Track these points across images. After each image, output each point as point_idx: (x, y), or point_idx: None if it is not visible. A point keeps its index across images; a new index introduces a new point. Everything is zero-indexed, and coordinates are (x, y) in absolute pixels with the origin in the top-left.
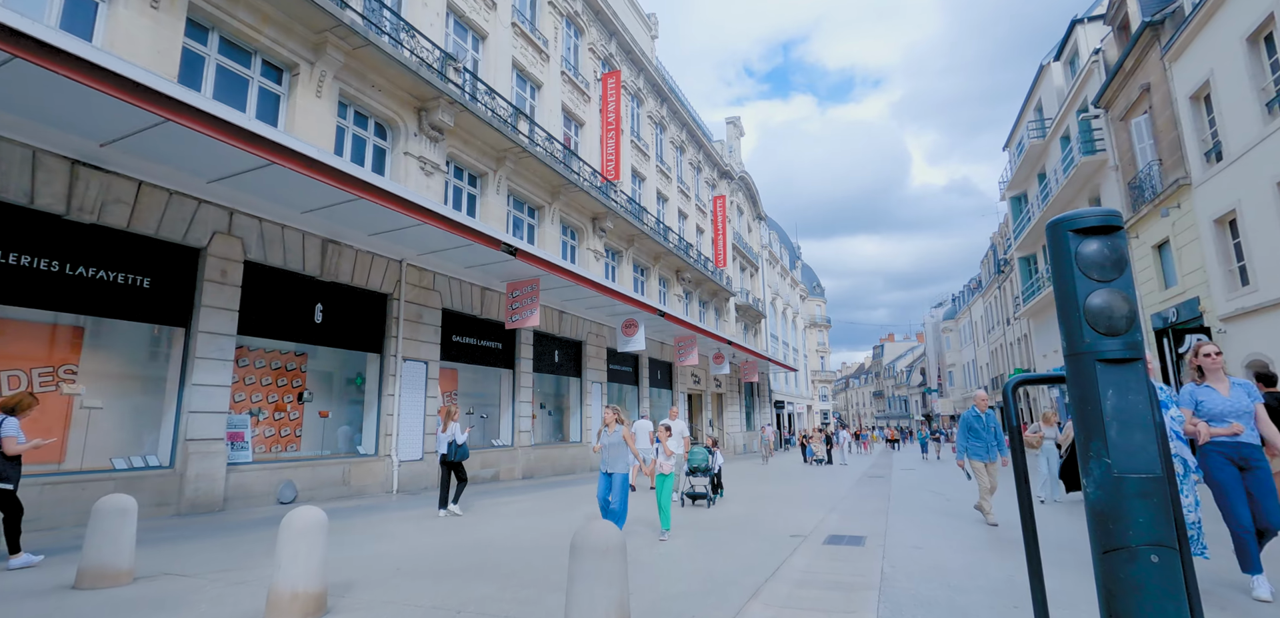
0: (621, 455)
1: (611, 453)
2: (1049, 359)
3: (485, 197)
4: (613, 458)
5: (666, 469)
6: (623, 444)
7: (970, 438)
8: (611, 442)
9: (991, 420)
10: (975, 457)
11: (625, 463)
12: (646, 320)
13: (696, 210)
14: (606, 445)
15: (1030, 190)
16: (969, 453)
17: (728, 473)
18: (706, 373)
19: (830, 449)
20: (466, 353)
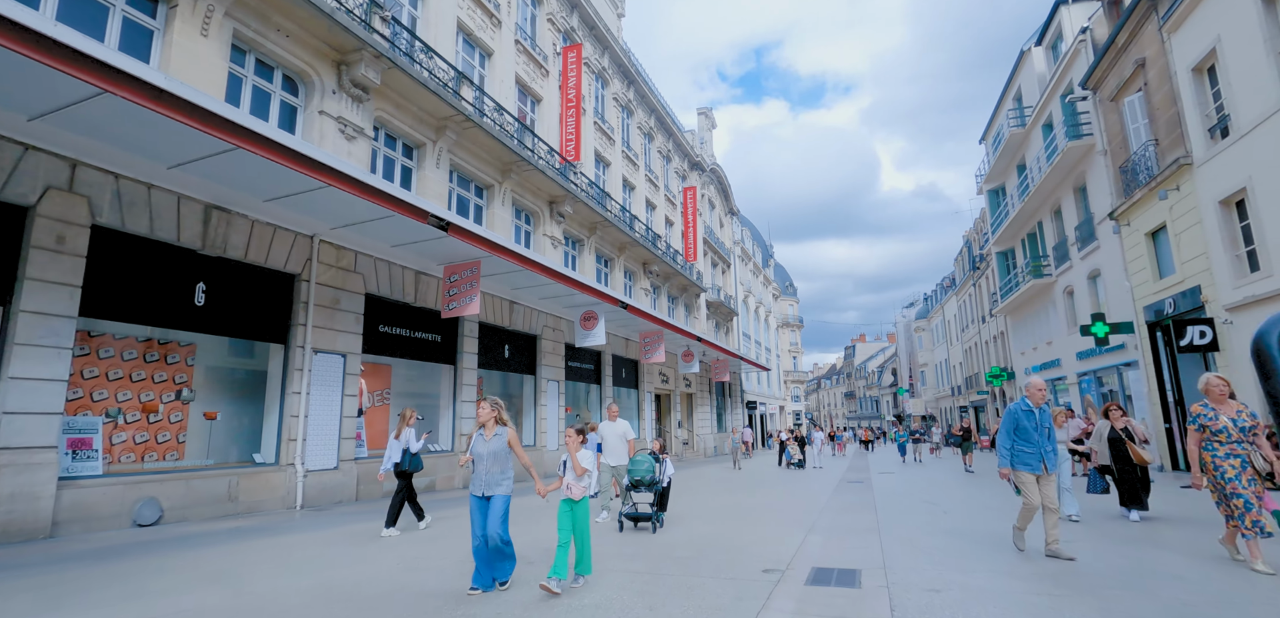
0: (504, 471)
1: (487, 467)
2: (1027, 356)
3: (423, 170)
4: (489, 474)
5: (576, 494)
6: (506, 455)
7: (1020, 440)
8: (489, 451)
9: (1046, 417)
10: (1025, 466)
11: (509, 482)
12: (608, 313)
13: (666, 201)
14: (480, 457)
15: (1009, 183)
16: (1017, 462)
17: (695, 481)
18: (675, 372)
19: (803, 450)
20: (398, 345)
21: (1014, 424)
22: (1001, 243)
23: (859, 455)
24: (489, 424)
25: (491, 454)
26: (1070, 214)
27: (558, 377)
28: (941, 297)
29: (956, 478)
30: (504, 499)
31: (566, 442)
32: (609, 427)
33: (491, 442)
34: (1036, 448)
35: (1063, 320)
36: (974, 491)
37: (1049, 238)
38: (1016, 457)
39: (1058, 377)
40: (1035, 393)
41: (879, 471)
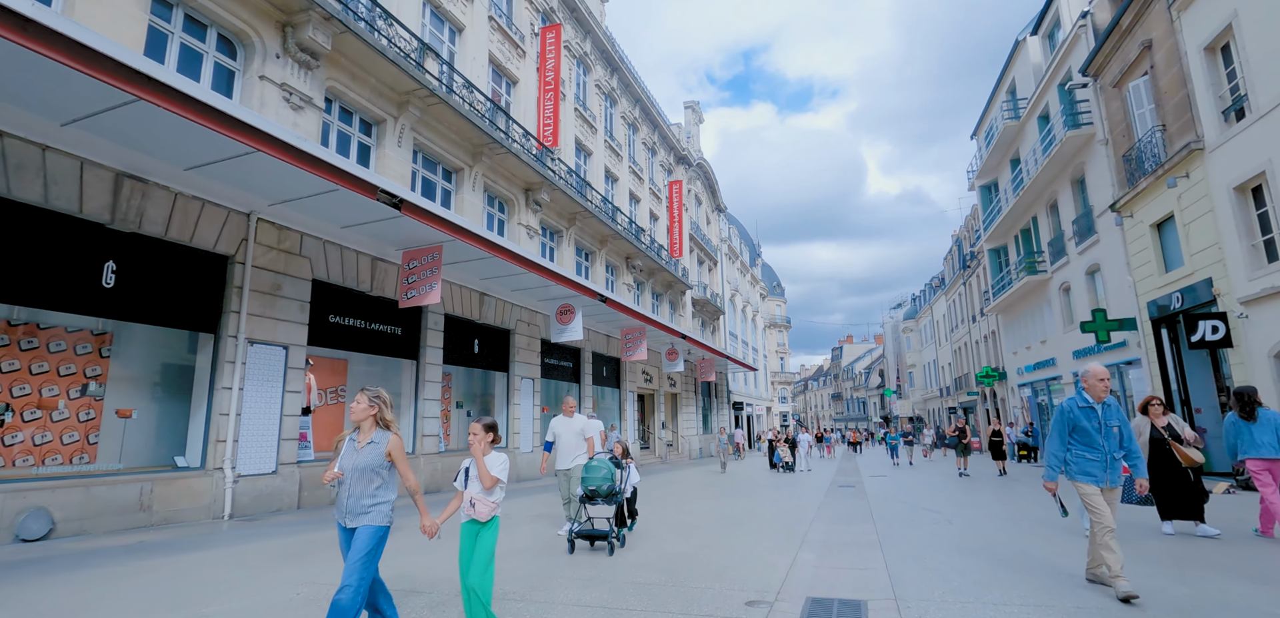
0: (376, 493)
1: (352, 487)
2: (1019, 356)
3: (382, 148)
4: (354, 496)
5: (482, 513)
6: (382, 471)
7: (1080, 444)
8: (364, 465)
9: (1116, 414)
10: (1087, 477)
11: (384, 509)
12: (586, 307)
13: (651, 195)
14: (352, 473)
15: (1002, 178)
16: (1075, 472)
17: (676, 486)
18: (659, 371)
19: (793, 452)
20: (352, 338)
21: (1069, 426)
22: (994, 240)
23: (847, 457)
24: (364, 426)
25: (360, 470)
26: (1067, 208)
27: (533, 374)
28: (930, 297)
29: (953, 482)
30: (373, 534)
31: (470, 441)
32: (563, 423)
33: (364, 452)
34: (1101, 454)
35: (1058, 318)
36: (975, 496)
37: (1044, 233)
38: (1075, 465)
39: (1052, 377)
40: (1096, 385)
41: (870, 474)
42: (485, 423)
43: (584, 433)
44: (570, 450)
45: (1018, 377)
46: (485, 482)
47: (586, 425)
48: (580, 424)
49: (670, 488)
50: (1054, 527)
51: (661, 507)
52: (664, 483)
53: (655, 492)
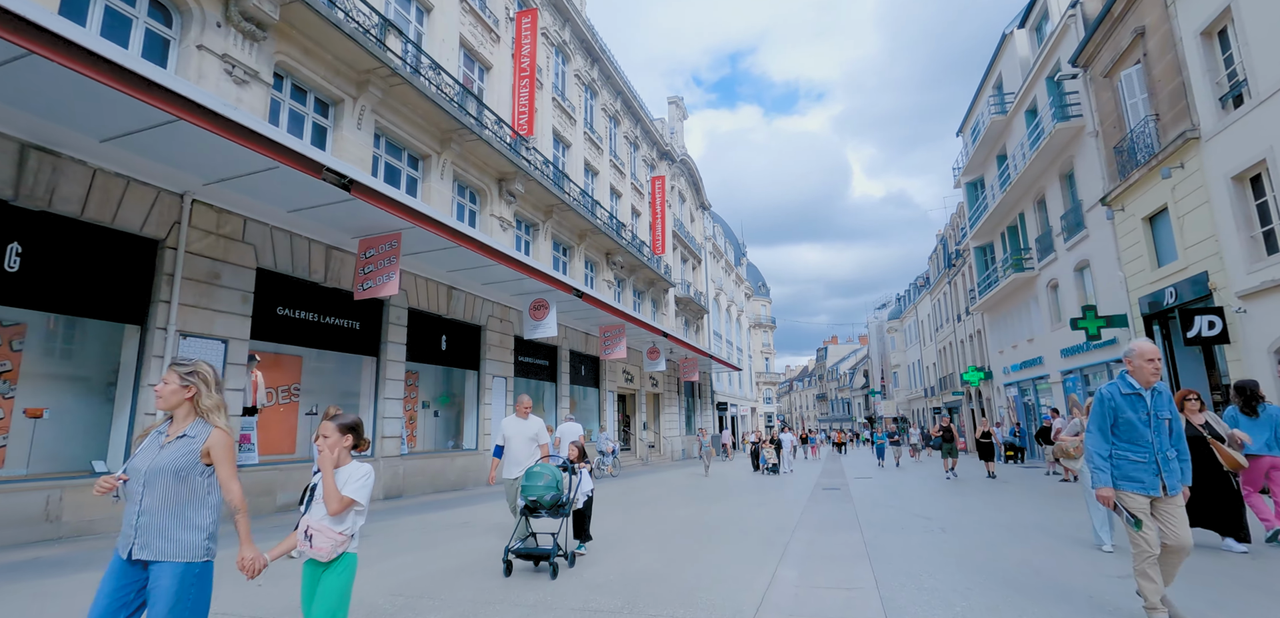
0: (186, 511)
1: (158, 499)
2: (1006, 355)
3: (340, 130)
4: (156, 515)
5: (324, 550)
6: (194, 476)
7: (1123, 441)
8: (168, 468)
9: (1167, 403)
10: (1132, 484)
11: (201, 534)
12: (560, 302)
13: (632, 190)
14: (148, 478)
15: (988, 174)
16: (1120, 478)
17: (654, 490)
18: (641, 370)
19: (779, 454)
20: (303, 332)
21: (1111, 417)
22: (980, 237)
23: (832, 458)
24: (177, 415)
25: (162, 474)
26: (1056, 203)
27: (505, 373)
28: (915, 296)
29: (941, 485)
30: (179, 576)
31: (318, 449)
32: (515, 425)
33: (169, 451)
34: (1149, 453)
35: (1046, 316)
36: (966, 500)
37: (1032, 230)
38: (1125, 472)
39: (1040, 375)
40: (1144, 367)
41: (856, 475)
42: (342, 423)
43: (537, 438)
44: (519, 457)
45: (1004, 376)
46: (331, 505)
47: (540, 430)
48: (534, 428)
49: (648, 492)
50: (1059, 535)
51: (636, 513)
52: (643, 487)
53: (632, 497)
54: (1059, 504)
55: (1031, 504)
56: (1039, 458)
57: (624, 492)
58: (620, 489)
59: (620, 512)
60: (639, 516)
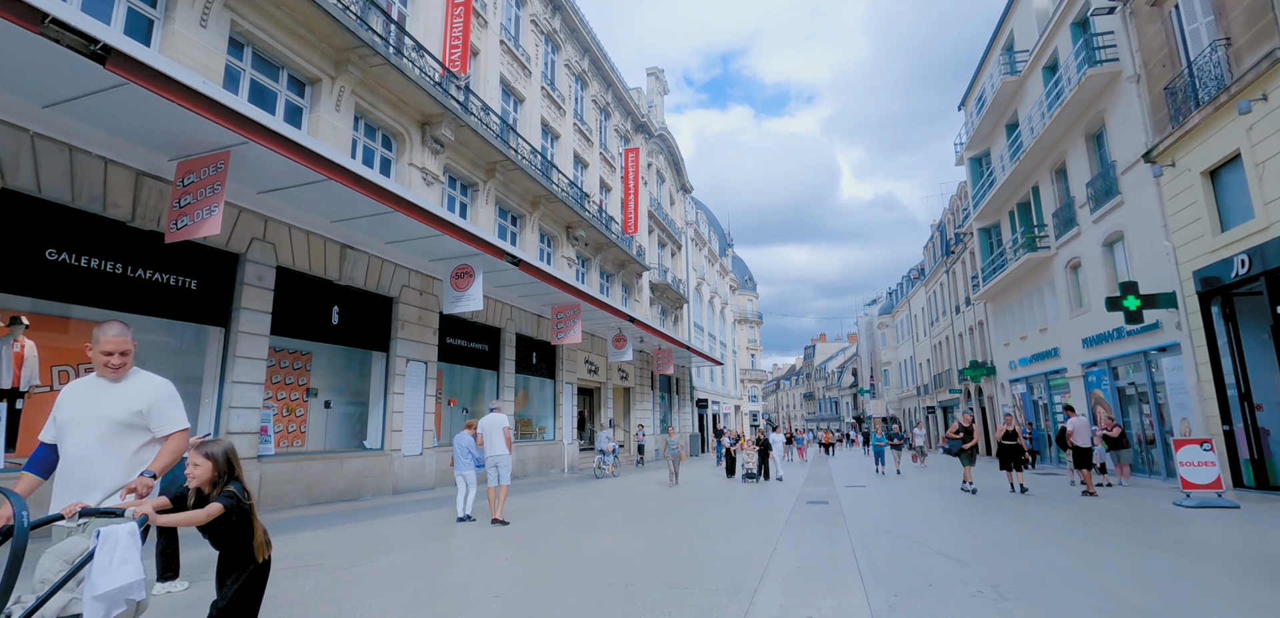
0: None
1: None
2: (1012, 348)
3: (172, 26)
4: None
5: None
6: None
7: None
8: None
9: None
10: None
11: None
12: (500, 274)
13: (602, 161)
14: None
15: (995, 147)
16: None
17: (606, 500)
18: (606, 361)
19: (766, 459)
20: (98, 290)
21: None
22: (985, 218)
23: (820, 461)
24: None
25: None
26: (1080, 169)
27: (427, 356)
28: (908, 290)
29: (960, 502)
30: None
31: None
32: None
33: None
34: None
35: (1064, 302)
36: (1005, 529)
37: (1048, 203)
38: None
39: (1054, 370)
40: None
41: (847, 483)
42: None
43: None
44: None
45: (1009, 371)
46: None
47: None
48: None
49: (589, 505)
50: (1210, 587)
51: (545, 545)
52: (587, 498)
53: (561, 512)
54: (1153, 541)
55: (1114, 543)
56: (1055, 463)
57: (557, 504)
58: (555, 501)
59: (519, 542)
60: (544, 548)
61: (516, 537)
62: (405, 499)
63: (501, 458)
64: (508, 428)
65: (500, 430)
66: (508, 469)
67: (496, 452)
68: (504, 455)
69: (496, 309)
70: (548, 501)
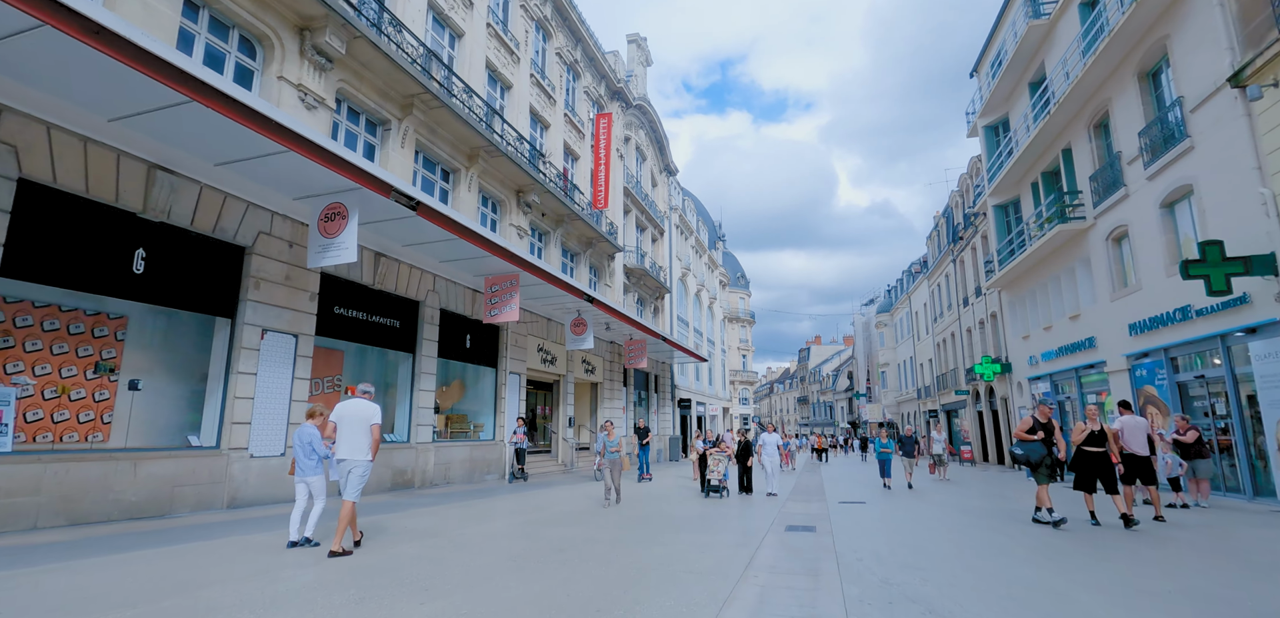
0: None
1: None
2: (1033, 341)
3: None
4: None
5: None
6: None
7: None
8: None
9: None
10: None
11: None
12: (386, 217)
13: (568, 125)
14: None
15: (1016, 110)
16: None
17: (503, 522)
18: (566, 351)
19: (747, 465)
20: None
21: None
22: (1002, 192)
23: (811, 469)
24: None
25: None
26: (1129, 117)
27: (297, 327)
28: (909, 285)
29: (1013, 538)
30: None
31: None
32: None
33: None
34: None
35: (1105, 281)
36: (1090, 580)
37: (1084, 166)
38: None
39: (1091, 363)
40: None
41: (841, 499)
42: None
43: None
44: None
45: (1029, 368)
46: None
47: None
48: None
49: (499, 523)
50: None
51: (407, 601)
52: (503, 513)
53: (460, 537)
54: None
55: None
56: None
57: (443, 526)
58: (445, 521)
59: (342, 592)
60: (364, 611)
61: (347, 580)
62: (242, 517)
63: (354, 465)
64: (377, 424)
65: (363, 425)
66: (359, 480)
67: (349, 454)
68: (357, 463)
69: (412, 277)
70: (438, 520)
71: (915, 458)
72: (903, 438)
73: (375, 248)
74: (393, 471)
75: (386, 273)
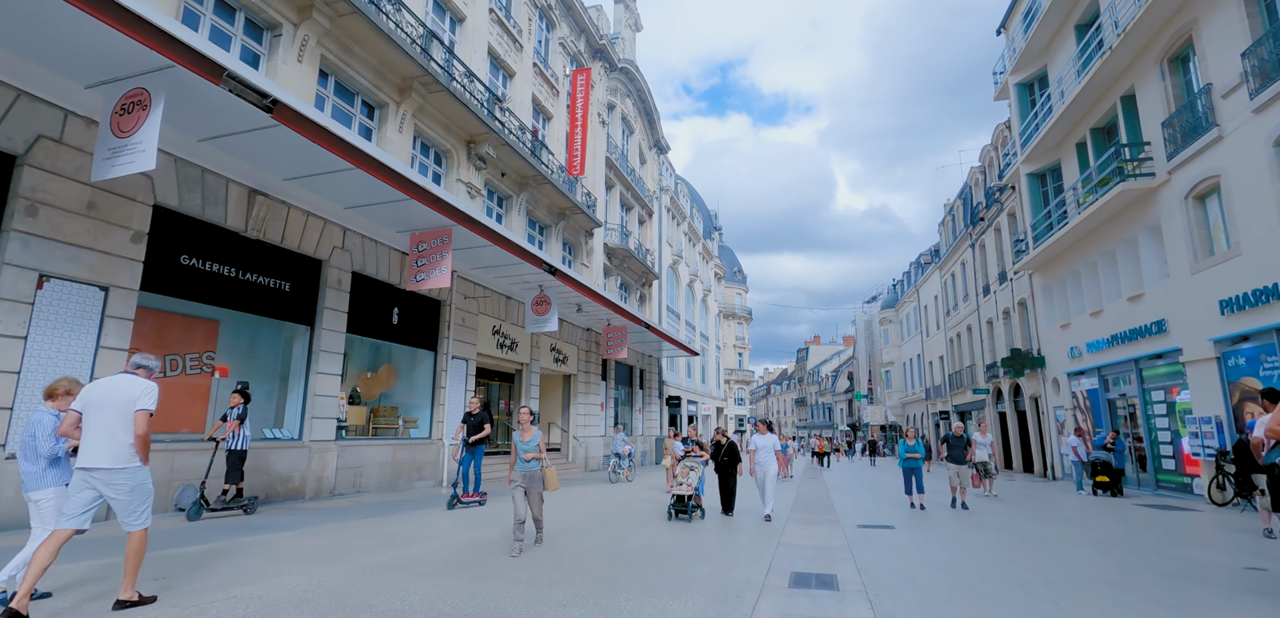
0: None
1: None
2: (1075, 329)
3: None
4: None
5: None
6: None
7: None
8: None
9: None
10: None
11: None
12: (213, 118)
13: (538, 77)
14: None
15: (1056, 60)
16: None
17: (317, 601)
18: (530, 336)
19: (732, 469)
20: None
21: None
22: (1038, 158)
23: (812, 476)
24: None
25: None
26: (1224, 41)
27: (108, 279)
28: (918, 277)
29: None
30: None
31: None
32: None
33: None
34: None
35: (1182, 250)
36: None
37: (1152, 111)
38: None
39: (1158, 353)
40: None
41: (860, 522)
42: None
43: None
44: None
45: (1069, 361)
46: None
47: None
48: None
49: (296, 580)
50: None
51: None
52: (346, 549)
53: (295, 592)
54: None
55: None
56: (1151, 489)
57: (280, 567)
58: (285, 550)
59: None
60: None
61: None
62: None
63: (120, 476)
64: (144, 411)
65: (121, 413)
66: (141, 499)
67: (99, 460)
68: (118, 472)
69: (310, 228)
70: (266, 559)
71: (969, 457)
72: (950, 439)
73: (247, 181)
74: (271, 477)
75: (269, 219)
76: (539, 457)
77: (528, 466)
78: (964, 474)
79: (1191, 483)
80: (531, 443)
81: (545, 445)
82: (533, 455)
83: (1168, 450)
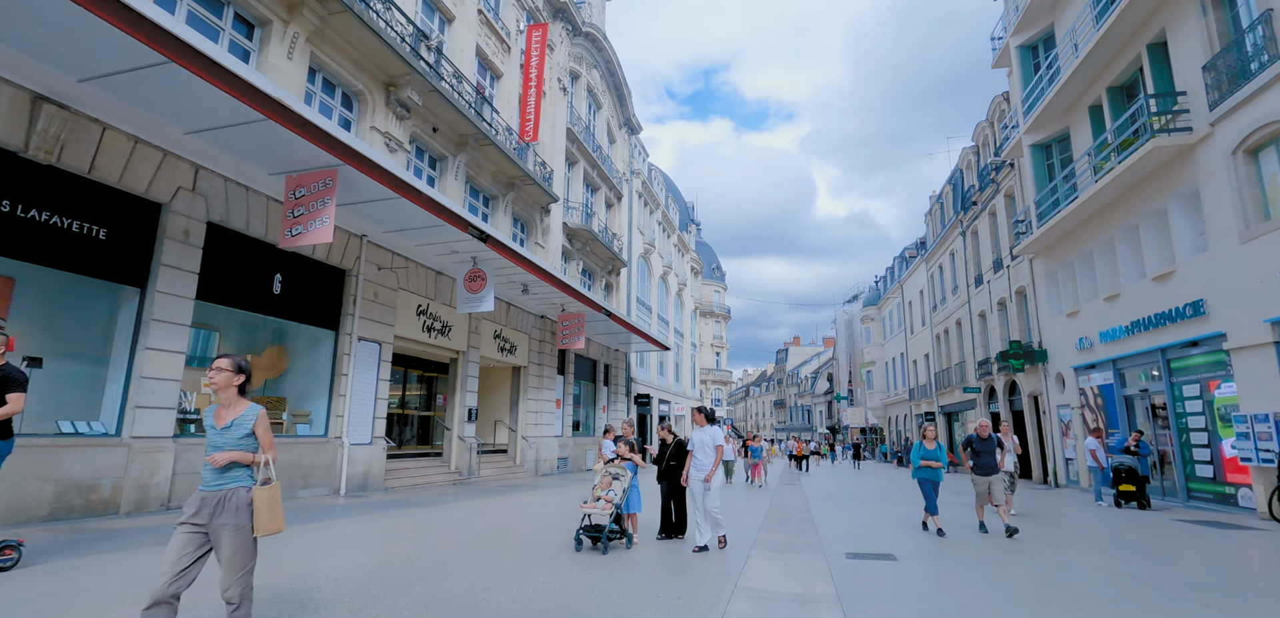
0: None
1: None
2: (1085, 317)
3: None
4: None
5: None
6: None
7: None
8: None
9: None
10: None
11: None
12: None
13: (485, 27)
14: None
15: (1064, 15)
16: None
17: None
18: (462, 315)
19: (678, 495)
20: None
21: None
22: (1044, 126)
23: (790, 481)
24: None
25: None
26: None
27: None
28: (902, 272)
29: None
30: None
31: None
32: None
33: None
34: None
35: (1229, 216)
36: None
37: (1190, 54)
38: None
39: (1193, 340)
40: None
41: (849, 550)
42: None
43: None
44: None
45: (1078, 353)
46: None
47: None
48: None
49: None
50: None
51: None
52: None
53: None
54: None
55: None
56: (1183, 501)
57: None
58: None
59: None
60: None
61: None
62: None
63: None
64: None
65: None
66: None
67: None
68: None
69: (142, 160)
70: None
71: (1002, 464)
72: (976, 442)
73: (24, 81)
74: (62, 487)
75: (69, 139)
76: (245, 459)
77: (221, 483)
78: (997, 487)
79: (1236, 493)
80: (234, 433)
81: (479, 445)
82: (233, 455)
83: (1203, 455)
